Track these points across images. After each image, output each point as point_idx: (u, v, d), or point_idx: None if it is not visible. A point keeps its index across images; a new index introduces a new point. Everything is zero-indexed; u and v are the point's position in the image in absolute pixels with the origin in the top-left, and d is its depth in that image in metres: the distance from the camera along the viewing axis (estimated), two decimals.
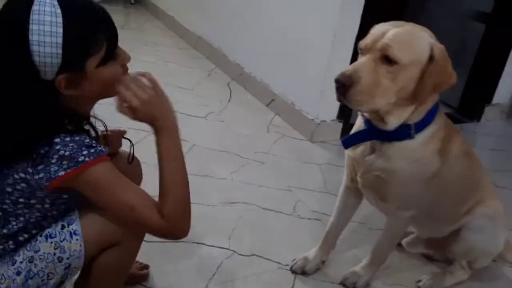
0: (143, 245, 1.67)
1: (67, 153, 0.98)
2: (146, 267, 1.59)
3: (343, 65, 2.50)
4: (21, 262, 1.08)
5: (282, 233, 1.89)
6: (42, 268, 1.08)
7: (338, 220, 1.65)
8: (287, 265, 1.71)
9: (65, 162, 0.98)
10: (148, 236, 1.72)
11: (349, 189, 1.58)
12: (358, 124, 1.41)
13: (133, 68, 1.12)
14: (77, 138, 1.00)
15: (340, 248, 1.80)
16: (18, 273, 1.08)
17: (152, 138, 1.10)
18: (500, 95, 3.28)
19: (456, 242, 1.62)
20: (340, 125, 2.68)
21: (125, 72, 1.08)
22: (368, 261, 1.63)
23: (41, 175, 0.99)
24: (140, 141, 2.41)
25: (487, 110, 3.27)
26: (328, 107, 2.60)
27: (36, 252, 1.09)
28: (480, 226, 1.57)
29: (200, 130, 2.61)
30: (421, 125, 1.28)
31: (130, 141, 1.31)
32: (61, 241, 1.08)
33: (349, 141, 1.39)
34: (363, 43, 1.22)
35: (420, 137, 1.29)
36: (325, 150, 2.59)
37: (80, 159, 0.99)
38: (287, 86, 2.86)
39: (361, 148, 1.38)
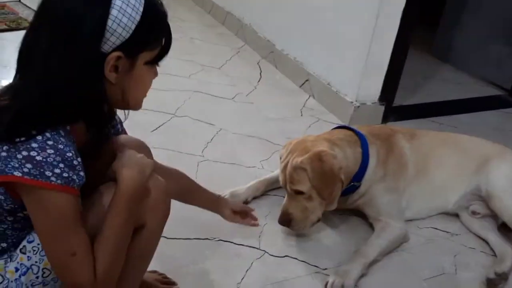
0: (166, 242, 1.52)
1: (38, 158, 0.85)
2: (173, 283, 1.41)
3: (388, 40, 2.28)
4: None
5: (319, 230, 1.69)
6: (36, 262, 0.94)
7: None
8: (326, 269, 1.51)
9: (28, 165, 0.85)
10: (170, 233, 1.57)
11: None
12: None
13: None
14: (60, 146, 0.87)
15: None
16: (7, 266, 0.95)
17: (176, 122, 0.92)
18: None
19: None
20: (381, 108, 2.44)
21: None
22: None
23: None
24: (164, 123, 2.26)
25: None
26: (368, 88, 2.38)
27: (29, 242, 0.95)
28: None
29: (228, 113, 2.41)
30: (361, 172, 1.62)
31: None
32: None
33: None
34: (280, 160, 1.64)
35: (367, 177, 1.64)
36: None
37: (47, 173, 0.86)
38: (323, 65, 2.61)
39: None
